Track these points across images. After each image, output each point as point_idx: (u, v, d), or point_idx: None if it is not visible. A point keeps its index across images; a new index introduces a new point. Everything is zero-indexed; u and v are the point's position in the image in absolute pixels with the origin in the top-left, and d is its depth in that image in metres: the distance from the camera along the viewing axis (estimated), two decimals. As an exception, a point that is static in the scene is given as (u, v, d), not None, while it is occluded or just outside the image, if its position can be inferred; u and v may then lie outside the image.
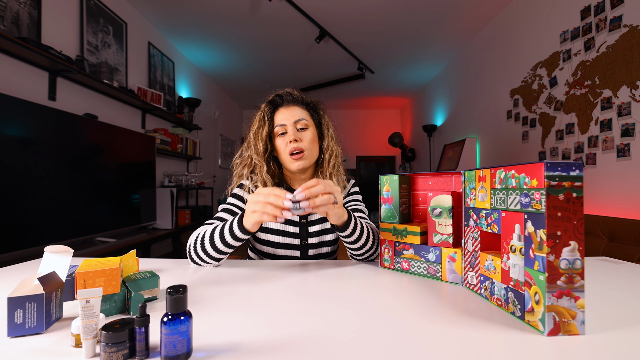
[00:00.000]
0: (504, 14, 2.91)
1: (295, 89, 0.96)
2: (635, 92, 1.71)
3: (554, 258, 0.42)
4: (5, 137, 1.42)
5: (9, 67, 1.70)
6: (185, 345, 0.36)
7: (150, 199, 2.58)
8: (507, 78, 2.87)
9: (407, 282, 0.66)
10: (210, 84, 4.66)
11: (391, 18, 3.05)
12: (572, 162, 0.42)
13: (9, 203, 1.43)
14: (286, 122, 0.88)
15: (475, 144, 3.43)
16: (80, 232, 1.83)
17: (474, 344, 0.40)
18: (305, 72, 4.42)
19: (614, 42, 1.83)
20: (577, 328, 0.42)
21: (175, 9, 2.87)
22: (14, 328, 0.42)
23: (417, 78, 4.74)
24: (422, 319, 0.47)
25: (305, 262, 0.84)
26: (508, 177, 0.49)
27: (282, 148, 0.89)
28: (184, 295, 0.37)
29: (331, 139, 0.95)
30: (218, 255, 0.75)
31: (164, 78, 3.35)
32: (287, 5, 2.79)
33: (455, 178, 0.70)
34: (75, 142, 1.83)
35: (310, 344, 0.40)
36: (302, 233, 0.91)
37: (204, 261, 0.76)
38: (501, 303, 0.51)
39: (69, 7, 2.14)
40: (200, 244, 0.75)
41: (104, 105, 2.41)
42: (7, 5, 1.70)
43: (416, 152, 5.55)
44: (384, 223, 0.76)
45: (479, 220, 0.56)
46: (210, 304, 0.53)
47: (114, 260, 0.53)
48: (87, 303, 0.37)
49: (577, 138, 2.09)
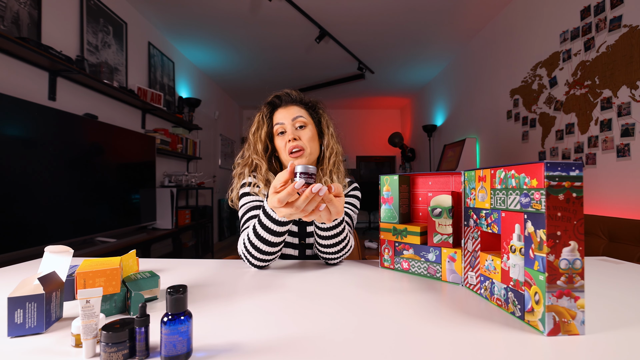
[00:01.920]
0: (504, 14, 2.91)
1: (294, 89, 0.97)
2: (635, 92, 1.71)
3: (553, 258, 0.42)
4: (5, 137, 1.42)
5: (9, 67, 1.70)
6: (185, 345, 0.36)
7: (150, 199, 2.58)
8: (507, 78, 2.87)
9: (407, 282, 0.66)
10: (210, 84, 4.66)
11: (391, 18, 3.05)
12: (572, 162, 0.42)
13: (9, 203, 1.43)
14: (284, 121, 0.89)
15: (475, 144, 3.43)
16: (80, 232, 1.83)
17: (474, 344, 0.40)
18: (305, 72, 4.42)
19: (614, 42, 1.83)
20: (577, 328, 0.42)
21: (175, 9, 2.87)
22: (14, 328, 0.42)
23: (417, 78, 4.74)
24: (422, 319, 0.47)
25: (305, 262, 0.84)
26: (508, 177, 0.49)
27: (282, 147, 0.89)
28: (184, 295, 0.37)
29: (331, 137, 0.95)
30: (270, 249, 0.73)
31: (164, 78, 3.35)
32: (287, 6, 2.79)
33: (455, 178, 0.70)
34: (75, 142, 1.83)
35: (310, 344, 0.40)
36: (301, 232, 0.92)
37: (263, 260, 0.75)
38: (501, 303, 0.51)
39: (69, 7, 2.14)
40: (251, 244, 0.73)
41: (104, 105, 2.41)
42: (7, 5, 1.70)
43: (416, 152, 5.55)
44: (384, 223, 0.76)
45: (479, 220, 0.56)
46: (210, 304, 0.53)
47: (114, 260, 0.53)
48: (87, 303, 0.37)
49: (577, 138, 2.09)
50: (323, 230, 0.75)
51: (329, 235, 0.75)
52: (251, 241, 0.73)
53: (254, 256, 0.74)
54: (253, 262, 0.75)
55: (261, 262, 0.75)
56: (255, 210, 0.86)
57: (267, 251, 0.73)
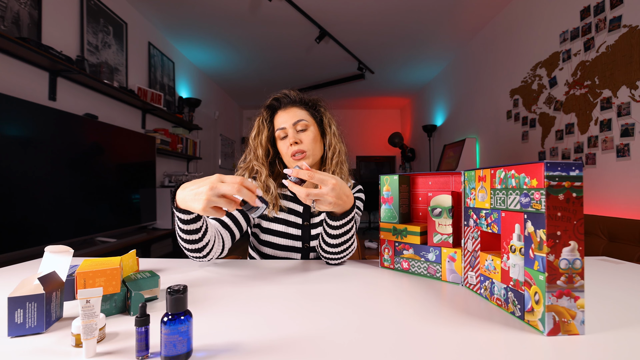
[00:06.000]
0: (504, 14, 2.91)
1: (293, 89, 0.95)
2: (634, 92, 1.71)
3: (553, 258, 0.42)
4: (5, 138, 1.42)
5: (9, 67, 1.70)
6: (185, 345, 0.36)
7: (151, 199, 2.58)
8: (506, 78, 2.87)
9: (407, 282, 0.66)
10: (210, 84, 4.66)
11: (391, 18, 3.05)
12: (572, 162, 0.42)
13: (9, 203, 1.43)
14: (285, 125, 0.88)
15: (475, 144, 3.43)
16: (80, 232, 1.83)
17: (473, 344, 0.40)
18: (305, 72, 4.42)
19: (614, 43, 1.83)
20: (577, 328, 0.42)
21: (175, 9, 2.87)
22: (14, 328, 0.42)
23: (417, 78, 4.74)
24: (422, 318, 0.47)
25: (306, 262, 0.84)
26: (508, 177, 0.49)
27: (284, 151, 0.89)
28: (184, 295, 0.37)
29: (334, 136, 0.93)
30: (188, 246, 0.69)
31: (164, 78, 3.35)
32: (287, 5, 2.79)
33: (455, 178, 0.70)
34: (76, 142, 1.83)
35: (310, 344, 0.40)
36: (305, 235, 0.90)
37: (188, 251, 0.72)
38: (501, 303, 0.51)
39: (69, 7, 2.14)
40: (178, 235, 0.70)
41: (104, 105, 2.41)
42: (8, 5, 1.70)
43: (416, 152, 5.55)
44: (384, 223, 0.76)
45: (479, 220, 0.56)
46: (210, 304, 0.53)
47: (114, 260, 0.53)
48: (87, 303, 0.37)
49: (577, 138, 2.09)
50: (333, 228, 0.73)
51: (337, 234, 0.73)
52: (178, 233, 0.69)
53: (184, 247, 0.71)
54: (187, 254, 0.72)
55: (192, 252, 0.71)
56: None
57: (187, 247, 0.69)
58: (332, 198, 0.64)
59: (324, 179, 0.63)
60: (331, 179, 0.64)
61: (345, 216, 0.72)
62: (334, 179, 0.64)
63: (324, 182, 0.63)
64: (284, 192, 0.94)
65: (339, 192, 0.65)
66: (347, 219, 0.72)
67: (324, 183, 0.63)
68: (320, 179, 0.63)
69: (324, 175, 0.64)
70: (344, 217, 0.72)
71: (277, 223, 0.90)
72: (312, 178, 0.62)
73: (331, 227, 0.73)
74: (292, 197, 0.94)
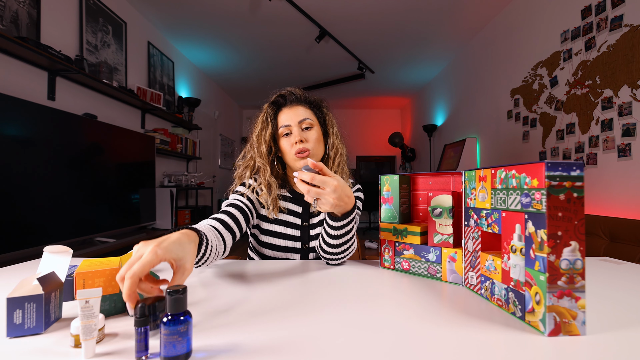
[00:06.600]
0: (504, 14, 2.90)
1: (298, 87, 0.95)
2: (636, 92, 1.71)
3: (554, 258, 0.42)
4: (4, 137, 1.41)
5: (8, 66, 1.70)
6: (185, 346, 0.36)
7: (150, 199, 2.58)
8: (507, 78, 2.87)
9: (407, 282, 0.66)
10: (210, 83, 4.66)
11: (391, 18, 3.05)
12: (573, 162, 0.42)
13: (8, 203, 1.43)
14: (290, 123, 0.87)
15: (475, 143, 3.43)
16: (79, 232, 1.82)
17: (474, 344, 0.40)
18: (306, 71, 4.41)
19: (615, 42, 1.83)
20: (578, 328, 0.42)
21: (175, 8, 2.87)
22: (13, 328, 0.41)
23: (417, 78, 4.74)
24: (422, 319, 0.47)
25: (305, 263, 0.84)
26: (508, 177, 0.49)
27: (287, 149, 0.87)
28: (184, 295, 0.37)
29: (336, 137, 0.94)
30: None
31: (164, 78, 3.35)
32: (287, 5, 2.79)
33: (455, 178, 0.70)
34: (75, 142, 1.83)
35: (310, 344, 0.40)
36: (304, 236, 0.90)
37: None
38: (502, 303, 0.51)
39: (68, 7, 2.14)
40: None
41: (104, 105, 2.41)
42: (6, 4, 1.70)
43: (416, 152, 5.55)
44: (384, 223, 0.75)
45: (480, 220, 0.56)
46: (210, 304, 0.53)
47: (113, 260, 0.52)
48: (87, 303, 0.37)
49: (578, 138, 2.08)
50: (333, 228, 0.72)
51: (338, 235, 0.73)
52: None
53: None
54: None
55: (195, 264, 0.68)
56: (230, 208, 0.83)
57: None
58: (334, 199, 0.64)
59: (326, 180, 0.63)
60: (333, 181, 0.64)
61: (346, 217, 0.72)
62: (336, 180, 0.64)
63: (325, 183, 0.63)
64: (283, 193, 0.94)
65: (341, 194, 0.65)
66: (348, 220, 0.73)
67: (325, 184, 0.63)
68: (322, 180, 0.63)
69: (326, 177, 0.64)
70: (345, 218, 0.72)
71: (276, 224, 0.90)
72: (313, 180, 0.63)
73: (332, 227, 0.73)
74: (291, 198, 0.93)
